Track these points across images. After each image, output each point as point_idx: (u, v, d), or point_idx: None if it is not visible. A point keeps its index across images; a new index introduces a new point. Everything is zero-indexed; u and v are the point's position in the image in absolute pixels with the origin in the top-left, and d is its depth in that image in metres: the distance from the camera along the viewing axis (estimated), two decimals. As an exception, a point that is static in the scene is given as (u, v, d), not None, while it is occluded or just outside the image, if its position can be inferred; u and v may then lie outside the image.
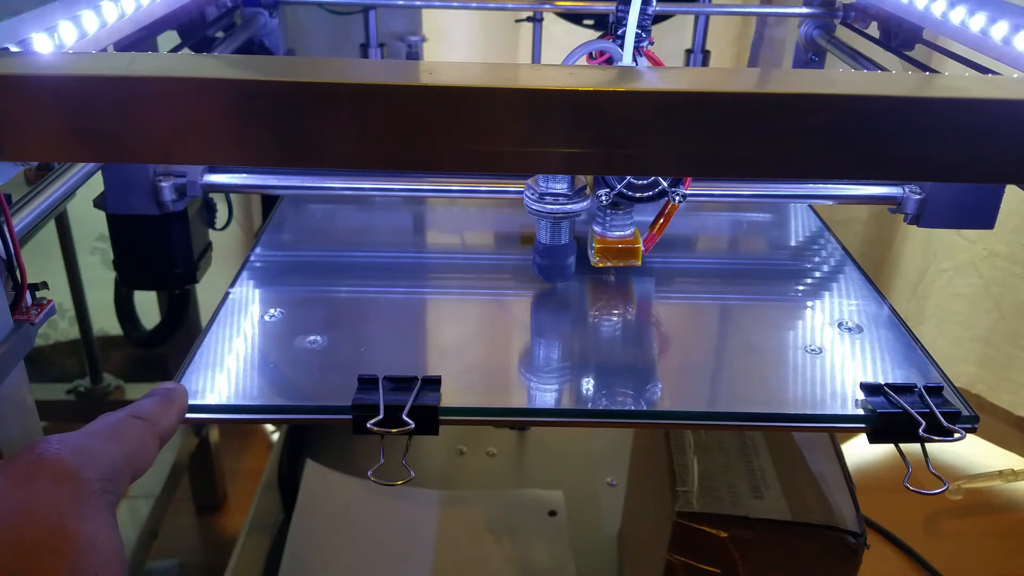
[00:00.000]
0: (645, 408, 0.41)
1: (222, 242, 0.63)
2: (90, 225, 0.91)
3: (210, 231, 0.61)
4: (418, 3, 0.81)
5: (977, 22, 0.49)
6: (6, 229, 0.32)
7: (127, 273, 0.57)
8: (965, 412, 0.40)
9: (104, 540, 0.26)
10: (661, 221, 0.51)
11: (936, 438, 0.38)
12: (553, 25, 0.85)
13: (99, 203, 0.52)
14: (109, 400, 1.02)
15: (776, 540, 0.50)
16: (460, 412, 0.40)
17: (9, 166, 0.34)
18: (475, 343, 0.47)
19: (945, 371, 0.44)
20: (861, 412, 0.41)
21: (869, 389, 0.41)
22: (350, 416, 0.39)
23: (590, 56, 0.49)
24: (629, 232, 0.51)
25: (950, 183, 0.51)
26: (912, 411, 0.39)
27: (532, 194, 0.48)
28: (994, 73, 0.46)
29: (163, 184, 0.50)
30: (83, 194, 0.44)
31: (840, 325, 0.48)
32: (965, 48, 0.51)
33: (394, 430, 0.38)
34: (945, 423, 0.38)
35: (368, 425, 0.38)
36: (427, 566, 0.74)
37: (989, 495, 0.86)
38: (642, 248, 0.51)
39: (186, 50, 0.61)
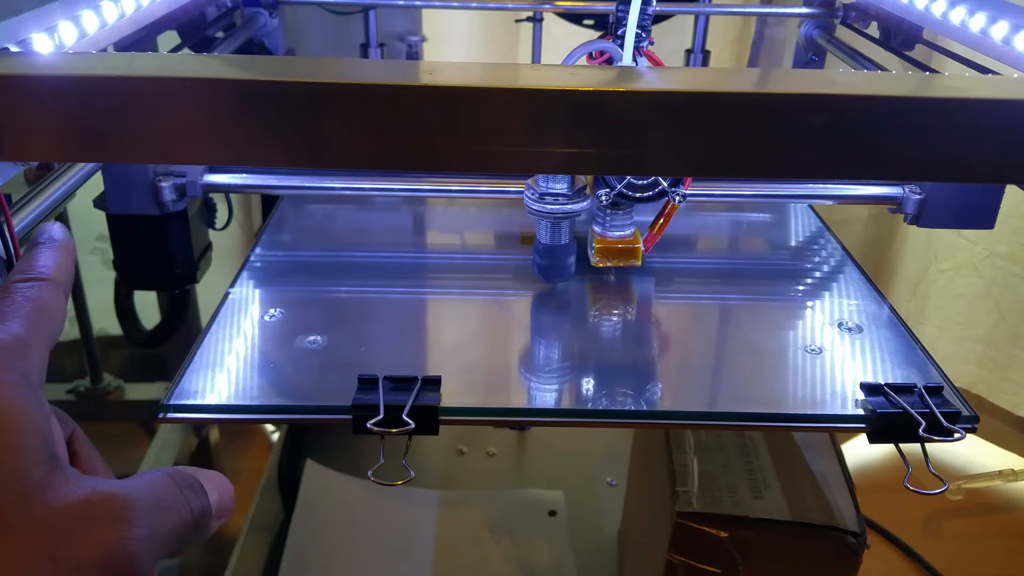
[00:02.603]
0: (645, 408, 0.41)
1: (222, 242, 0.63)
2: (90, 225, 0.91)
3: (210, 231, 0.61)
4: (418, 3, 0.81)
5: (977, 22, 0.49)
6: (6, 229, 0.32)
7: (127, 273, 0.57)
8: (965, 412, 0.40)
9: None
10: (661, 221, 0.51)
11: (936, 438, 0.38)
12: (553, 25, 0.85)
13: (99, 203, 0.52)
14: (109, 400, 1.02)
15: (776, 540, 0.50)
16: (460, 412, 0.40)
17: (9, 166, 0.34)
18: (475, 343, 0.47)
19: (945, 371, 0.44)
20: (861, 412, 0.41)
21: (869, 389, 0.41)
22: (350, 416, 0.39)
23: (590, 56, 0.49)
24: (629, 232, 0.51)
25: (950, 183, 0.51)
26: (912, 411, 0.39)
27: (532, 194, 0.48)
28: (994, 73, 0.46)
29: (163, 184, 0.50)
30: (83, 194, 0.44)
31: (840, 325, 0.48)
32: (965, 48, 0.51)
33: (394, 430, 0.38)
34: (945, 423, 0.38)
35: (368, 425, 0.38)
36: (427, 566, 0.74)
37: (989, 495, 0.86)
38: (642, 248, 0.51)
39: (186, 50, 0.61)
